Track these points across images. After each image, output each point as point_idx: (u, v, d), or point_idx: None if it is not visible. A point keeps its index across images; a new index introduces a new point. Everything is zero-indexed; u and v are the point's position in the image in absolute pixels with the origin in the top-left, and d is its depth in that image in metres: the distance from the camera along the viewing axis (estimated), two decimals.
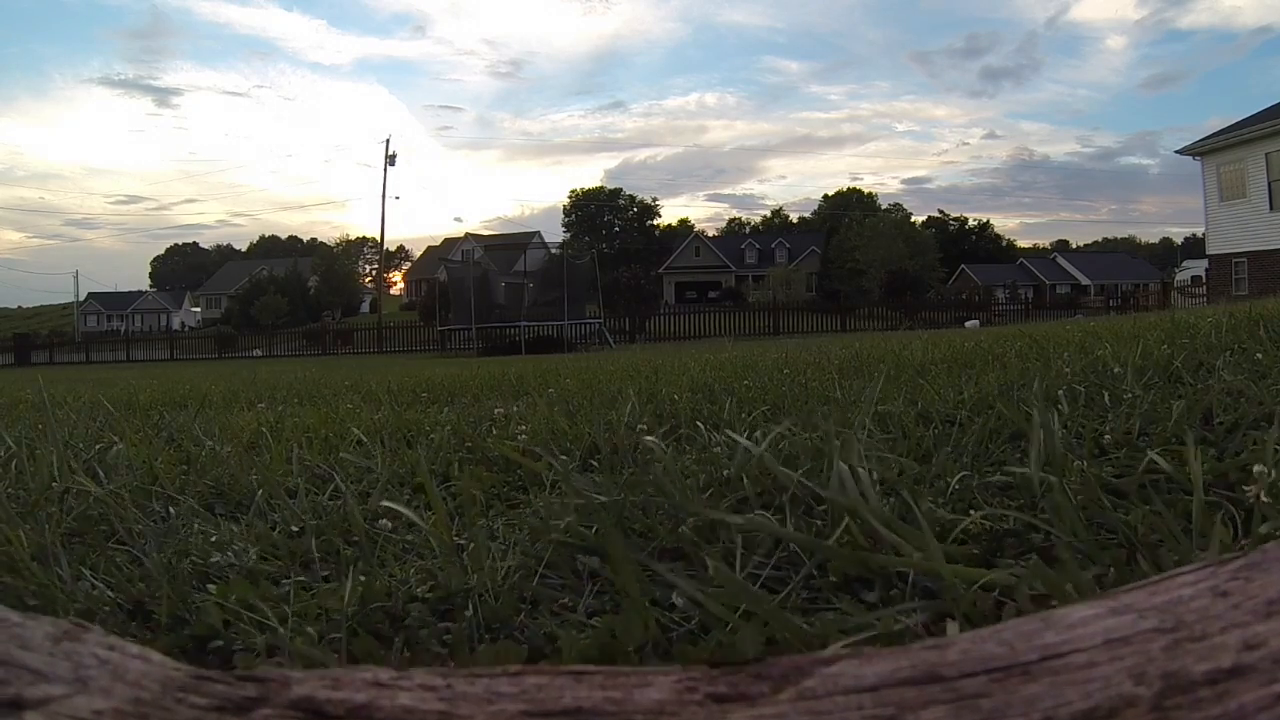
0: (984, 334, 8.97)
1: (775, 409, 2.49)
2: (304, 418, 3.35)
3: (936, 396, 2.57)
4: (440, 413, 2.93)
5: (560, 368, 7.36)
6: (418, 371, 10.27)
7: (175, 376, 13.39)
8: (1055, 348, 4.07)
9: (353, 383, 5.65)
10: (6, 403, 5.14)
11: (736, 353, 7.14)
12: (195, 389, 6.17)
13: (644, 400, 2.92)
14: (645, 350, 19.15)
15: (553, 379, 4.96)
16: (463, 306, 29.42)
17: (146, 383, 10.25)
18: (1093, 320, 16.73)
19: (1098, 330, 5.32)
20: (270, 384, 5.74)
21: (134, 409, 4.11)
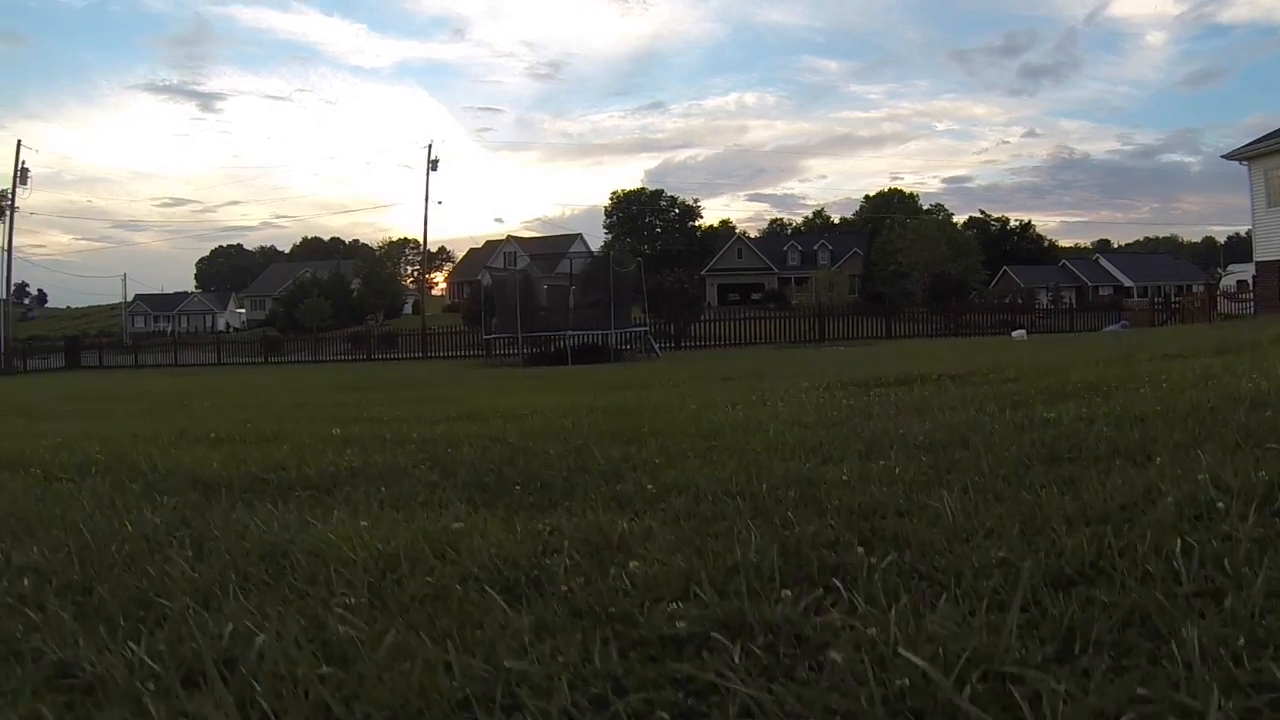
0: (1038, 350, 8.97)
1: (917, 549, 2.27)
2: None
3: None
4: (549, 531, 2.71)
5: (629, 403, 7.15)
6: (476, 397, 10.11)
7: (242, 395, 13.35)
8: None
9: (421, 436, 5.44)
10: (76, 462, 4.95)
11: (808, 398, 6.87)
12: (289, 439, 5.91)
13: (754, 514, 2.73)
14: (693, 363, 19.01)
15: (630, 436, 4.77)
16: (507, 314, 29.33)
17: (222, 414, 10.15)
18: (1140, 334, 16.26)
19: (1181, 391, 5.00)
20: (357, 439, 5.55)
21: (232, 488, 3.91)
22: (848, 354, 21.20)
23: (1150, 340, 13.44)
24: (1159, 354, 8.93)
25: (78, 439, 6.51)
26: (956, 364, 11.64)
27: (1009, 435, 3.82)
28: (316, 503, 3.48)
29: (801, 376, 10.71)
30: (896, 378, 8.60)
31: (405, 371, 24.18)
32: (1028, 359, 10.63)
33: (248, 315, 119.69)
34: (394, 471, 4.01)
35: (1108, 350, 11.53)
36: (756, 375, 12.03)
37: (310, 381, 20.12)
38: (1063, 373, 7.35)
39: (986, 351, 15.33)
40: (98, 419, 9.79)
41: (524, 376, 16.55)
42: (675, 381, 11.81)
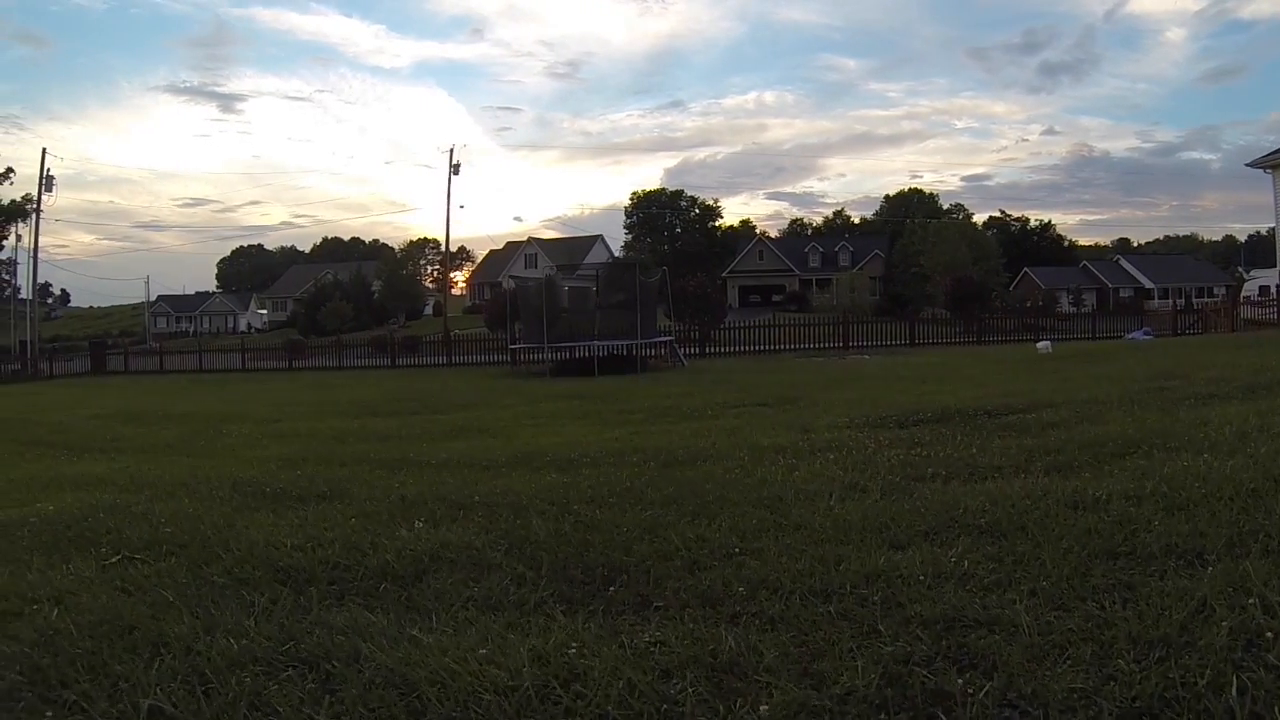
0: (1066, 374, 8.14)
1: (1004, 672, 2.52)
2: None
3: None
4: (657, 647, 2.90)
5: (677, 448, 7.34)
6: (516, 429, 10.29)
7: (276, 417, 13.47)
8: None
9: (483, 498, 5.63)
10: (144, 538, 4.86)
11: (853, 442, 7.05)
12: (348, 498, 6.06)
13: (843, 620, 2.96)
14: (721, 377, 19.14)
15: (697, 505, 4.97)
16: (533, 323, 29.51)
17: (265, 450, 10.30)
18: (1167, 351, 16.22)
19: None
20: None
21: (317, 580, 4.00)
22: (874, 366, 21.33)
23: (1180, 364, 13.54)
24: (1192, 390, 9.05)
25: (129, 490, 6.74)
26: (987, 389, 11.82)
27: (1065, 519, 4.03)
28: (409, 604, 3.61)
29: (837, 406, 10.90)
30: (935, 413, 8.79)
31: (433, 384, 24.38)
32: (1059, 389, 10.78)
33: (269, 316, 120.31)
34: (475, 559, 4.15)
35: (1138, 377, 11.67)
36: (791, 401, 12.21)
37: (340, 397, 20.36)
38: (1100, 418, 7.53)
39: (1014, 372, 15.46)
40: (140, 455, 9.94)
41: (555, 395, 16.73)
42: (711, 407, 12.00)
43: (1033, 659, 2.56)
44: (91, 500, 6.29)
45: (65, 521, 5.54)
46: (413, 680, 2.77)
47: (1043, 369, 15.62)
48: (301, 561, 4.24)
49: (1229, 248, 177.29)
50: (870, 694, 2.42)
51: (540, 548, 4.25)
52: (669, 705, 2.50)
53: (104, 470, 8.41)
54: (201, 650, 3.13)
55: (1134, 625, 2.72)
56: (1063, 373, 14.13)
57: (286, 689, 2.79)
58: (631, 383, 20.25)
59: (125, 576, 4.20)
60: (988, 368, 17.50)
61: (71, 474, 8.21)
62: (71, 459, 9.74)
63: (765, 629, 3.00)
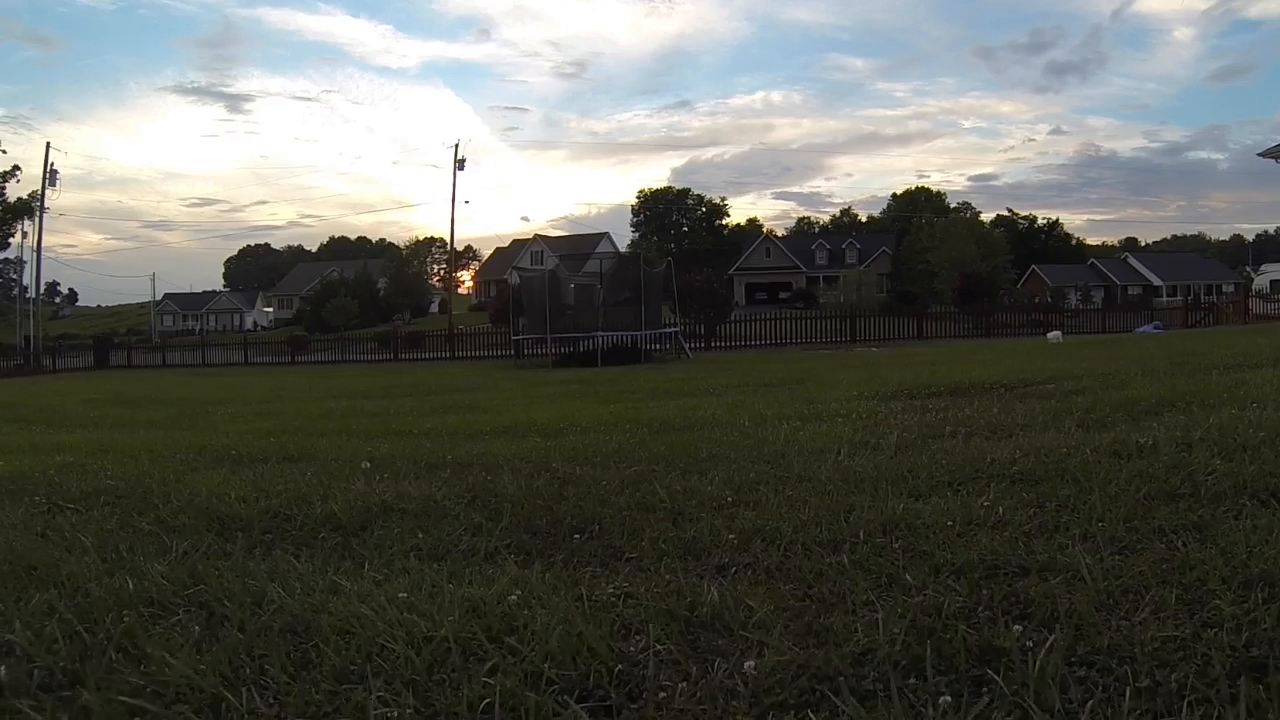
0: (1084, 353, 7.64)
1: (1069, 625, 1.98)
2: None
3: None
4: (623, 599, 2.36)
5: (674, 417, 6.83)
6: (509, 406, 9.75)
7: (267, 401, 13.03)
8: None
9: (455, 459, 5.14)
10: (85, 489, 4.63)
11: (864, 409, 6.53)
12: (315, 459, 5.59)
13: (858, 572, 2.45)
14: (727, 365, 18.66)
15: (689, 462, 4.48)
16: (536, 314, 29.06)
17: (245, 424, 9.87)
18: (1179, 338, 15.61)
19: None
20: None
21: (250, 528, 3.55)
22: (882, 357, 20.81)
23: (1198, 346, 13.03)
24: (1217, 362, 8.54)
25: (93, 455, 6.30)
26: (1003, 370, 11.29)
27: (1109, 466, 3.53)
28: (345, 551, 3.18)
29: (846, 384, 10.39)
30: (949, 387, 8.30)
31: (433, 374, 23.94)
32: (1078, 366, 10.27)
33: (275, 314, 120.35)
34: (431, 509, 3.71)
35: (1157, 357, 11.16)
36: (798, 381, 11.70)
37: (337, 385, 19.95)
38: (1126, 384, 7.02)
39: (1028, 357, 14.94)
40: (118, 429, 9.61)
41: (555, 381, 16.26)
42: (714, 388, 11.51)
43: (1103, 607, 2.05)
44: (49, 461, 5.87)
45: (11, 477, 5.19)
46: (316, 627, 2.29)
47: (1058, 354, 15.09)
48: (241, 511, 3.84)
49: (1237, 247, 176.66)
50: (894, 653, 1.89)
51: (505, 500, 3.77)
52: (625, 665, 1.98)
53: (77, 440, 8.04)
54: (94, 591, 2.74)
55: (1221, 565, 2.21)
56: (1078, 356, 13.61)
57: (168, 633, 2.36)
58: (634, 371, 19.80)
59: (50, 524, 3.89)
60: (1002, 355, 16.97)
61: (43, 443, 7.82)
62: (49, 432, 9.36)
63: (758, 581, 2.49)
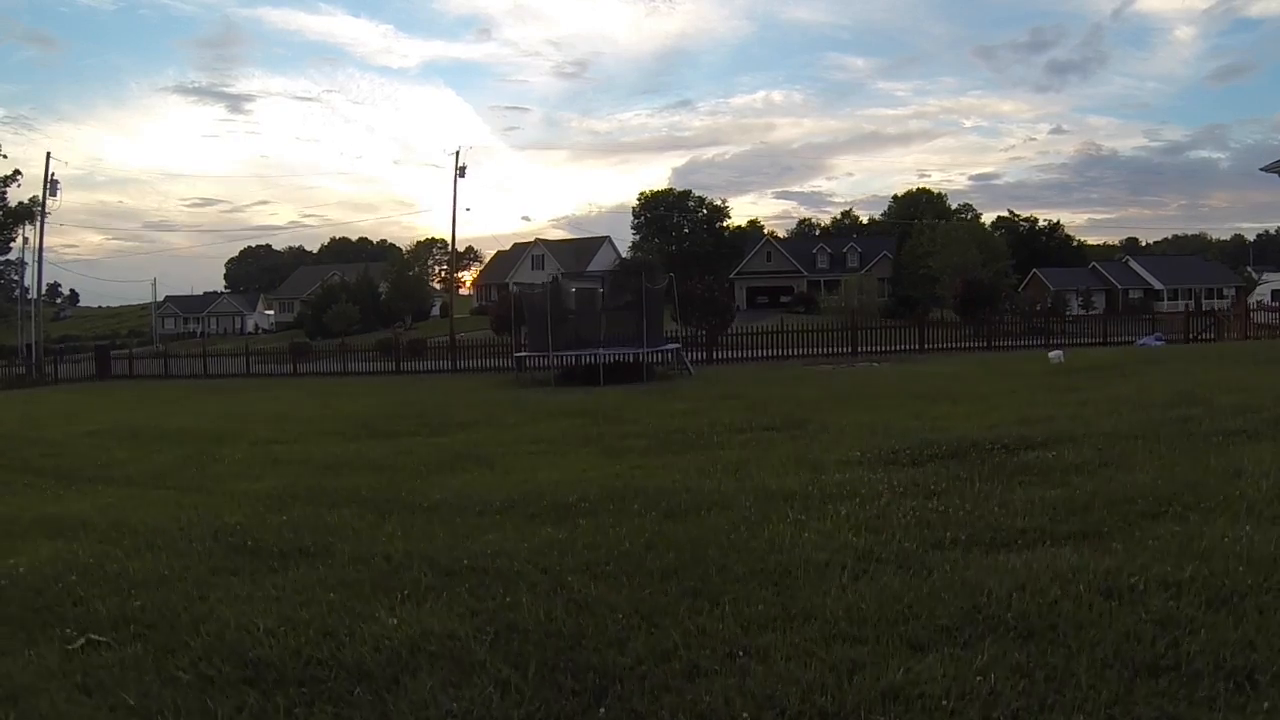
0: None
1: None
2: None
3: None
4: None
5: (682, 498, 7.02)
6: (514, 456, 9.93)
7: (274, 436, 13.14)
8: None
9: (471, 561, 5.31)
10: (112, 615, 4.62)
11: (865, 490, 6.70)
12: (331, 555, 5.74)
13: None
14: (729, 390, 18.81)
15: (698, 582, 4.65)
16: (538, 329, 29.26)
17: (257, 480, 10.03)
18: (1186, 369, 15.65)
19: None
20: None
21: (286, 681, 3.70)
22: (884, 379, 21.01)
23: (1198, 383, 13.22)
24: (1217, 425, 8.70)
25: (110, 538, 6.55)
26: (1003, 415, 11.50)
27: (1100, 612, 3.73)
28: (383, 713, 3.36)
29: (849, 433, 10.59)
30: (949, 446, 8.49)
31: (436, 396, 24.12)
32: (1078, 416, 10.45)
33: (276, 317, 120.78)
34: (457, 655, 3.86)
35: (1159, 401, 11.34)
36: (799, 425, 11.88)
37: (340, 409, 20.17)
38: (1125, 461, 7.21)
39: (1029, 390, 15.10)
40: (129, 487, 9.79)
41: (559, 412, 16.42)
42: (717, 431, 11.74)
43: None
44: (67, 555, 6.03)
45: (35, 585, 5.29)
46: None
47: (1057, 386, 15.26)
48: (272, 654, 3.95)
49: (1238, 247, 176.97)
50: None
51: (528, 639, 3.93)
52: None
53: (88, 509, 8.18)
54: None
55: None
56: (1079, 392, 13.79)
57: None
58: (637, 395, 19.97)
59: (87, 668, 4.00)
60: (1001, 383, 17.16)
61: (54, 514, 7.96)
62: (58, 491, 9.53)
63: None
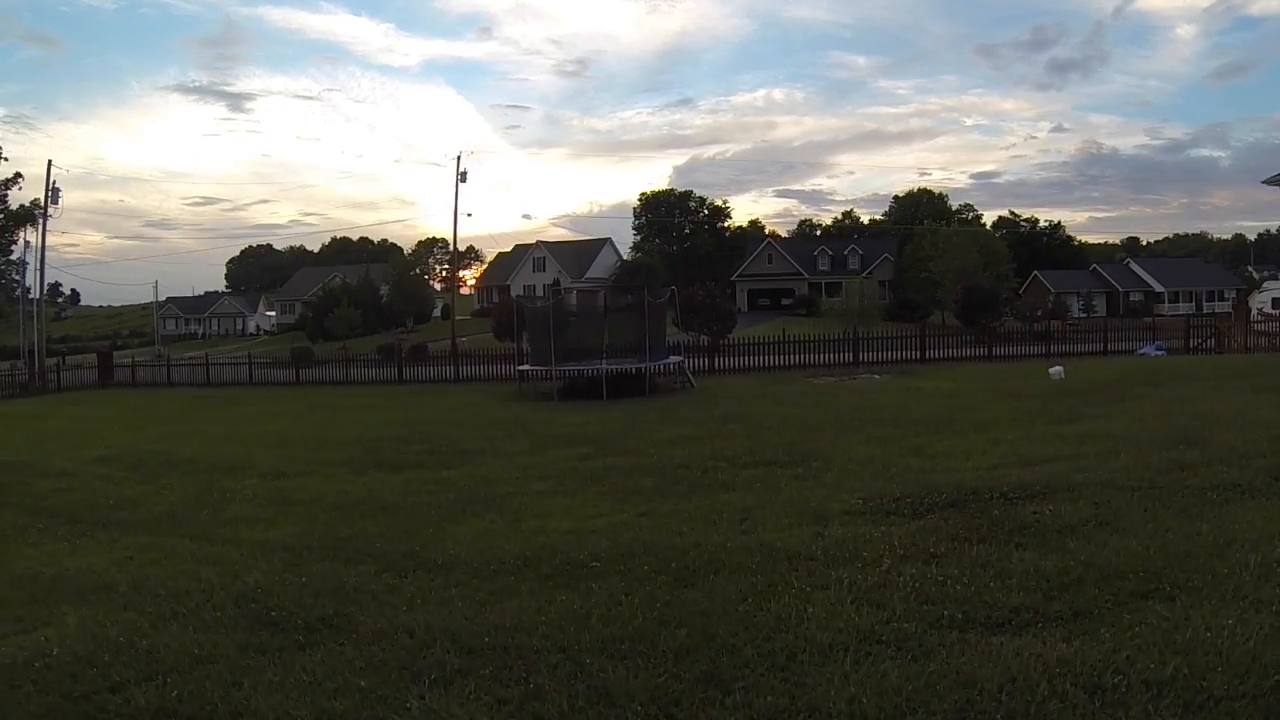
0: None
1: None
2: None
3: None
4: None
5: (689, 554, 7.20)
6: (520, 495, 10.03)
7: (278, 469, 13.18)
8: None
9: (492, 638, 5.49)
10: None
11: (866, 552, 6.89)
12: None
13: None
14: (732, 409, 18.95)
15: (709, 665, 4.85)
16: (541, 345, 29.44)
17: (261, 551, 10.18)
18: (1184, 394, 15.67)
19: None
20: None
21: None
22: (886, 397, 21.16)
23: (1196, 416, 13.36)
24: (1213, 477, 8.80)
25: (134, 607, 6.69)
26: (1002, 449, 11.67)
27: (1084, 713, 3.94)
28: None
29: (851, 470, 10.78)
30: (948, 492, 8.67)
31: (440, 412, 24.31)
32: (1077, 457, 10.59)
33: (278, 319, 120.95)
34: None
35: (1156, 440, 11.46)
36: (803, 460, 12.02)
37: (345, 430, 20.32)
38: (1118, 518, 7.37)
39: (1029, 421, 15.22)
40: (141, 534, 9.85)
41: (564, 437, 16.57)
42: (721, 466, 11.91)
43: None
44: (96, 628, 6.14)
45: (70, 669, 5.39)
46: None
47: (1057, 414, 15.37)
48: None
49: (1239, 246, 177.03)
50: None
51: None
52: None
53: (107, 564, 8.33)
54: None
55: None
56: (1078, 423, 13.95)
57: None
58: (640, 415, 20.11)
59: None
60: (1002, 406, 17.31)
61: (74, 571, 8.07)
62: (74, 539, 9.59)
63: None
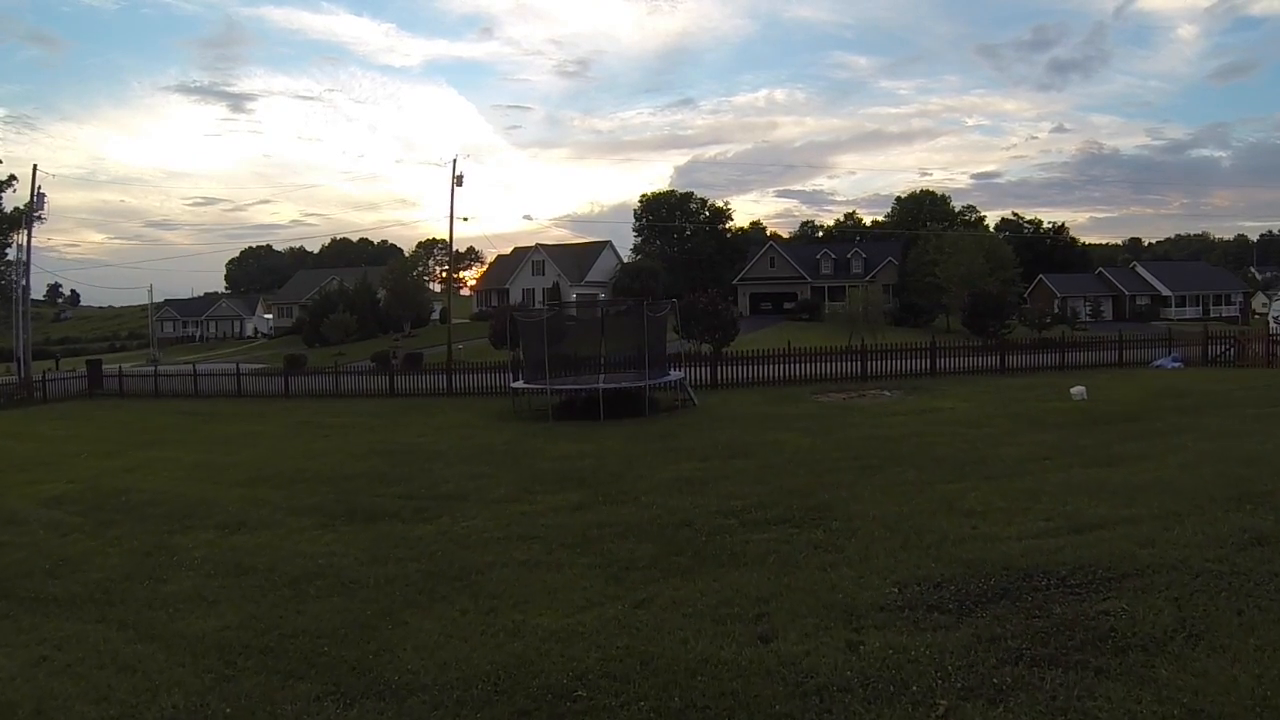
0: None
1: None
2: None
3: None
4: None
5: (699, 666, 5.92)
6: (525, 595, 8.74)
7: (244, 521, 11.90)
8: None
9: None
10: None
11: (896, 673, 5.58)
12: None
13: None
14: (732, 422, 17.69)
15: None
16: (534, 360, 28.20)
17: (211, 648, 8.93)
18: (1222, 424, 14.40)
19: None
20: None
21: None
22: (901, 424, 19.84)
23: (1253, 461, 12.13)
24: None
25: None
26: (1047, 506, 10.40)
27: None
28: None
29: (876, 540, 9.45)
30: (996, 577, 7.42)
31: (428, 435, 23.05)
32: (1133, 522, 9.33)
33: (275, 322, 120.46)
34: None
35: (1216, 495, 10.27)
36: (818, 517, 10.71)
37: (323, 461, 19.22)
38: (1215, 630, 6.09)
39: (1059, 450, 14.00)
40: (68, 619, 8.73)
41: (551, 476, 15.34)
42: (728, 524, 10.69)
43: None
44: None
45: None
46: None
47: (1092, 454, 14.08)
48: None
49: (1241, 247, 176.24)
50: None
51: None
52: None
53: (14, 671, 7.28)
54: None
55: None
56: (1117, 466, 12.72)
57: None
58: (639, 443, 18.87)
59: None
60: (1028, 439, 16.07)
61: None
62: (36, 634, 8.30)
63: None
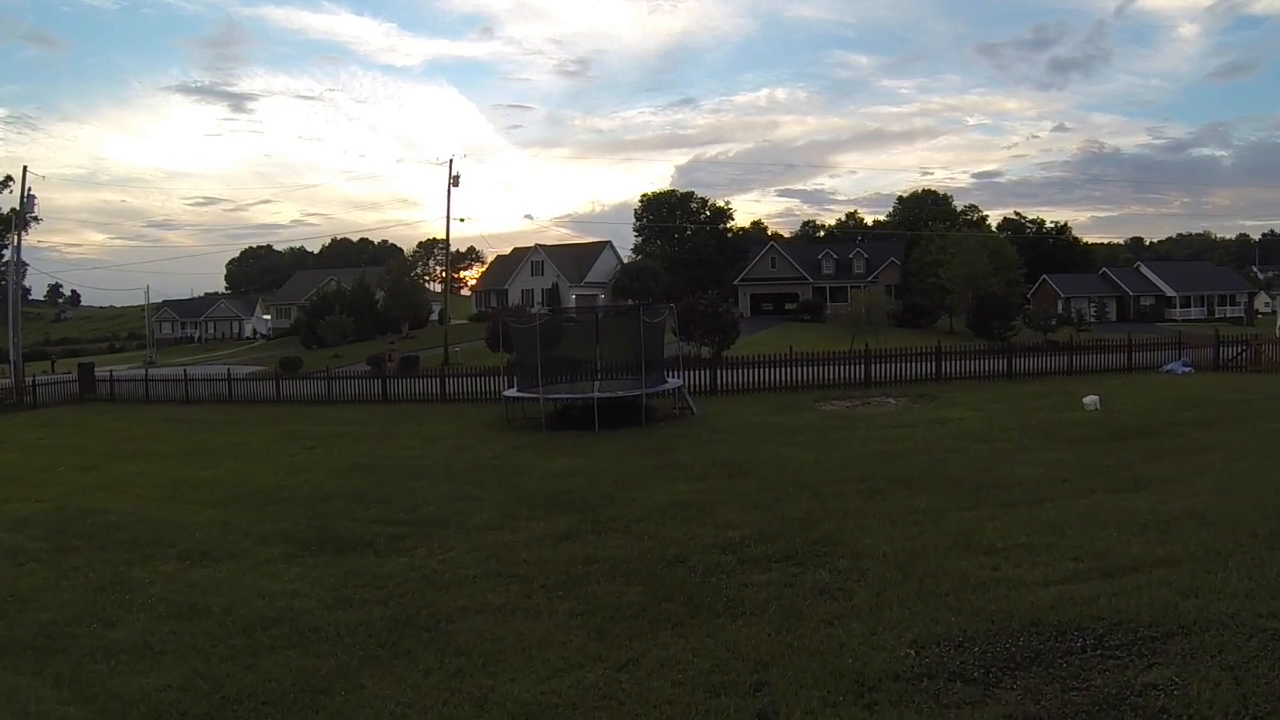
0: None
1: None
2: None
3: None
4: None
5: None
6: (502, 657, 7.87)
7: (214, 552, 11.16)
8: None
9: None
10: None
11: None
12: None
13: None
14: (733, 435, 16.89)
15: None
16: (528, 367, 27.38)
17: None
18: (1246, 439, 13.67)
19: None
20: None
21: None
22: (908, 437, 19.03)
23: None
24: None
25: None
26: (1068, 536, 9.59)
27: None
28: None
29: (888, 580, 8.61)
30: (1025, 639, 6.63)
31: (415, 448, 22.27)
32: (1166, 565, 8.52)
33: (274, 322, 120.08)
34: None
35: (1254, 525, 9.49)
36: (823, 551, 9.91)
37: (304, 479, 18.44)
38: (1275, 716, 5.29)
39: (1079, 470, 13.22)
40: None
41: (540, 498, 14.55)
42: (726, 560, 9.91)
43: None
44: None
45: None
46: None
47: (1114, 475, 13.32)
48: None
49: (1243, 246, 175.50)
50: None
51: None
52: None
53: None
54: None
55: None
56: (1142, 491, 11.98)
57: None
58: (634, 458, 18.12)
59: None
60: (1043, 456, 15.28)
61: None
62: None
63: None
